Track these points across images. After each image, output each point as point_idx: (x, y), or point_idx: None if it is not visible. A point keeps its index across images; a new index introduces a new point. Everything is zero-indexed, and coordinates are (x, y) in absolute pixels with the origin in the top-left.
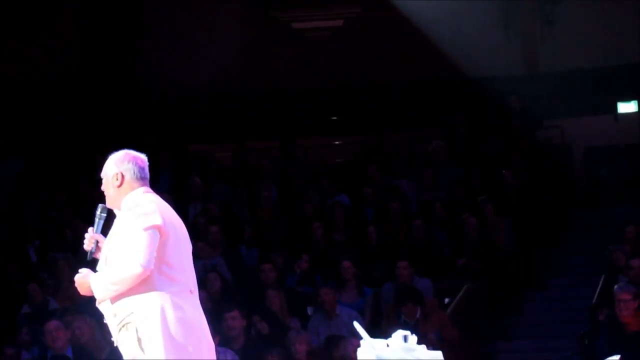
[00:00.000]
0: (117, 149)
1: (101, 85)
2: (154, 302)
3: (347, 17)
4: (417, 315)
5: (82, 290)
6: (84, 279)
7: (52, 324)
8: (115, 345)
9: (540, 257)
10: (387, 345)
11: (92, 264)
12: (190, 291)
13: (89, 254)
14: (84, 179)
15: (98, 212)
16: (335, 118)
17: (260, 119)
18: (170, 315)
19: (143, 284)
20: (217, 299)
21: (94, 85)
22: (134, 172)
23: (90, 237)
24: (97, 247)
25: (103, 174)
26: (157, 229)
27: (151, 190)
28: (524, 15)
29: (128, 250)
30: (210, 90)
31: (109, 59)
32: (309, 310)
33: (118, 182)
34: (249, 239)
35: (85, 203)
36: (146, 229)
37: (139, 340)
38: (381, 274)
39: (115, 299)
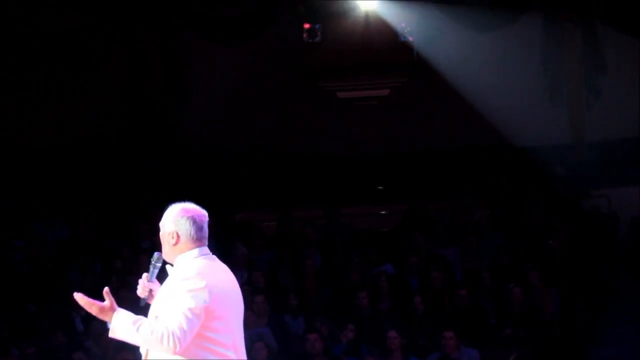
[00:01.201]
0: (158, 217)
1: (144, 150)
2: None
3: (393, 87)
4: None
5: (102, 316)
6: (105, 310)
7: None
8: None
9: (586, 327)
10: None
11: (144, 311)
12: None
13: (142, 300)
14: (126, 247)
15: (153, 260)
16: (381, 187)
17: (305, 186)
18: None
19: (182, 355)
20: None
21: (136, 150)
22: (190, 233)
23: (144, 285)
24: (151, 294)
25: (161, 226)
26: (202, 308)
27: (207, 252)
28: (570, 84)
29: (167, 323)
30: (253, 156)
31: (151, 124)
32: None
33: (174, 241)
34: (294, 307)
35: (130, 271)
36: (191, 309)
37: None
38: (427, 344)
39: None
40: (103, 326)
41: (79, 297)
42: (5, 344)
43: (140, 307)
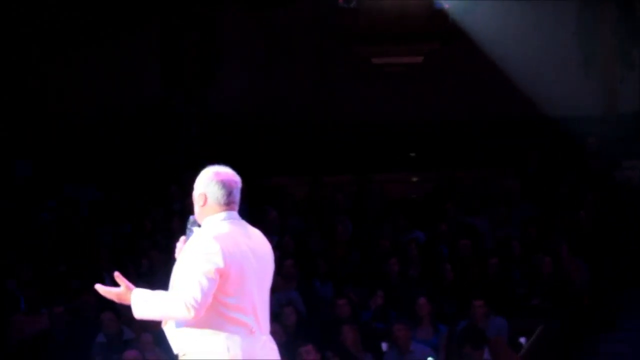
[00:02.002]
0: (191, 180)
1: (175, 115)
2: (207, 342)
3: (427, 53)
4: (485, 357)
5: (122, 300)
6: (124, 294)
7: (130, 354)
8: None
9: (616, 298)
10: None
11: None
12: (251, 331)
13: None
14: (156, 209)
15: (189, 224)
16: (413, 154)
17: (337, 152)
18: (224, 356)
19: (199, 322)
20: (291, 333)
21: (168, 115)
22: (218, 196)
23: (182, 248)
24: None
25: (194, 188)
26: (216, 272)
27: (234, 217)
28: (604, 55)
29: (183, 290)
30: (286, 122)
31: (184, 89)
32: (383, 346)
33: (202, 203)
34: (323, 273)
35: (161, 232)
36: (205, 273)
37: None
38: (456, 311)
39: (173, 329)
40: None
41: (99, 288)
42: (34, 303)
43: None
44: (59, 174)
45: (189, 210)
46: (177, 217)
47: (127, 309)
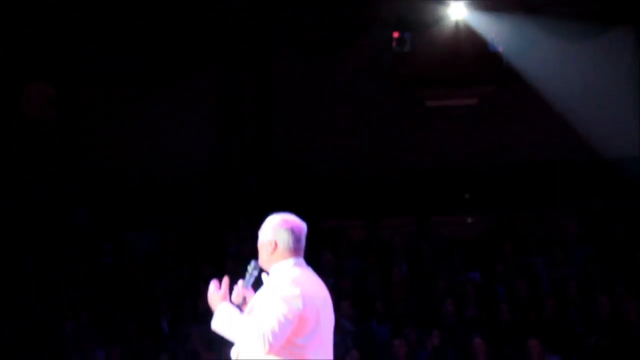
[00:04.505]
0: (248, 224)
1: (237, 161)
2: None
3: (482, 96)
4: None
5: (211, 301)
6: (217, 298)
7: None
8: None
9: None
10: None
11: None
12: None
13: (235, 307)
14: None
15: (250, 268)
16: (467, 196)
17: (393, 195)
18: None
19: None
20: None
21: (230, 161)
22: (288, 243)
23: (239, 292)
24: (244, 302)
25: (260, 234)
26: (296, 315)
27: (302, 263)
28: None
29: (261, 324)
30: (344, 167)
31: (241, 137)
32: None
33: (271, 249)
34: (380, 314)
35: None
36: (285, 314)
37: None
38: (512, 352)
39: None
40: (188, 329)
41: (213, 282)
42: (91, 344)
43: None
44: (117, 221)
45: (244, 254)
46: (230, 261)
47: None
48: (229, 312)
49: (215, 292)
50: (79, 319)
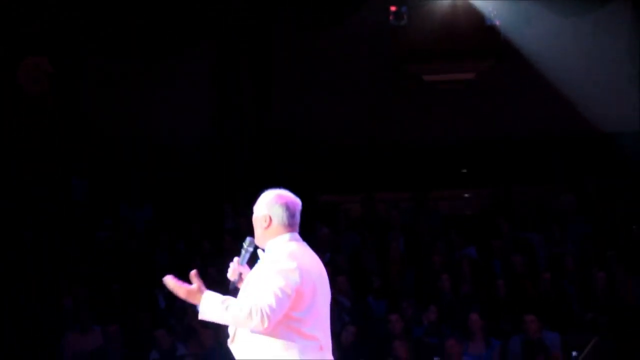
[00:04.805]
0: (245, 198)
1: (233, 135)
2: (280, 356)
3: (480, 70)
4: None
5: (190, 299)
6: (194, 291)
7: None
8: None
9: None
10: None
11: (233, 294)
12: (320, 347)
13: (231, 283)
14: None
15: (245, 245)
16: (465, 170)
17: (390, 170)
18: None
19: (270, 335)
20: (345, 349)
21: (224, 134)
22: (283, 218)
23: (235, 268)
24: (240, 278)
25: (255, 210)
26: (293, 288)
27: (298, 238)
28: None
29: (257, 300)
30: (340, 141)
31: (238, 111)
32: None
33: (265, 224)
34: (377, 289)
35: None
36: (282, 288)
37: None
38: (509, 327)
39: (242, 343)
40: (185, 304)
41: (168, 280)
42: (89, 321)
43: (229, 291)
44: (114, 195)
45: (242, 229)
46: (229, 236)
47: (180, 325)
48: (215, 299)
49: (179, 285)
50: (77, 295)
